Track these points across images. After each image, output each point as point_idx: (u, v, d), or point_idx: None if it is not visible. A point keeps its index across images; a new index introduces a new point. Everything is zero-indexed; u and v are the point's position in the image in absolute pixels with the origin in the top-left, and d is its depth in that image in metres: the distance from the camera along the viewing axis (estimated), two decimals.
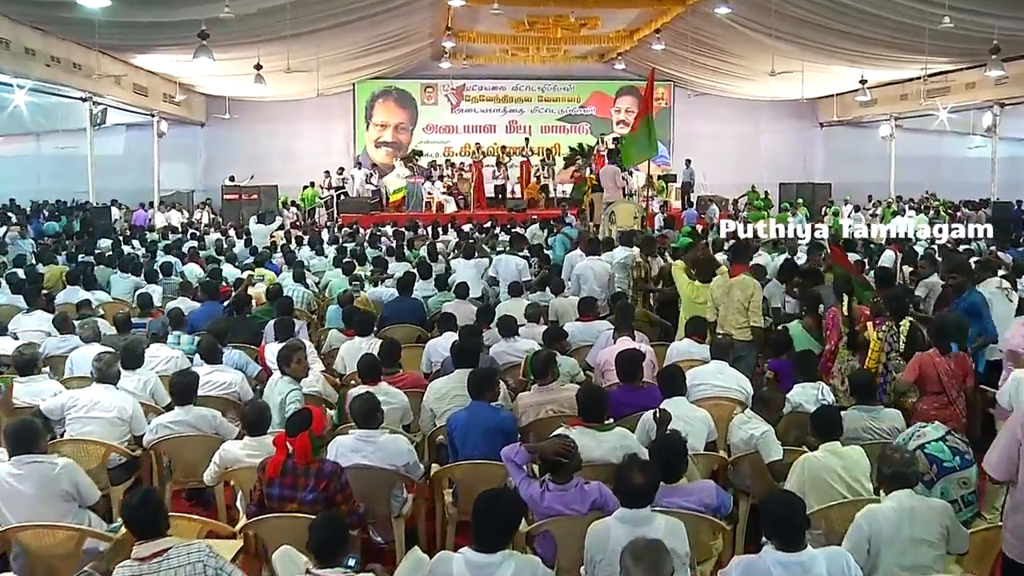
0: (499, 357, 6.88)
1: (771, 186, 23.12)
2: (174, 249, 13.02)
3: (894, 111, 21.51)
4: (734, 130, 24.96)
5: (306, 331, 7.68)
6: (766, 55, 17.92)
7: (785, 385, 5.87)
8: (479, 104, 25.17)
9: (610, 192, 11.83)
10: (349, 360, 6.74)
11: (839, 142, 25.12)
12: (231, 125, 22.94)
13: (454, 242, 14.23)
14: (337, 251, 12.90)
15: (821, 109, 24.92)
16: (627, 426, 4.84)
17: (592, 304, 7.68)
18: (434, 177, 21.40)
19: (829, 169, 25.03)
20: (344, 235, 16.02)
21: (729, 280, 6.70)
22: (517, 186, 22.25)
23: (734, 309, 6.57)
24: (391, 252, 12.93)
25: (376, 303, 9.70)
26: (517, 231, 16.17)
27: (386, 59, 21.57)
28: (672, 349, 6.64)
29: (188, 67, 17.37)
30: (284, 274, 10.74)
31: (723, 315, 6.69)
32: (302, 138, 23.91)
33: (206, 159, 24.21)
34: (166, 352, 6.50)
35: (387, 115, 24.81)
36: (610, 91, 25.46)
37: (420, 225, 17.14)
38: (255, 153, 23.31)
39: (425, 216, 18.75)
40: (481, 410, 4.89)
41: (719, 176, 23.58)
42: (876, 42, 16.02)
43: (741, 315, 6.54)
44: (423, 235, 15.95)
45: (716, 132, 24.57)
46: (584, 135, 24.64)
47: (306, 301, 9.63)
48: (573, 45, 22.50)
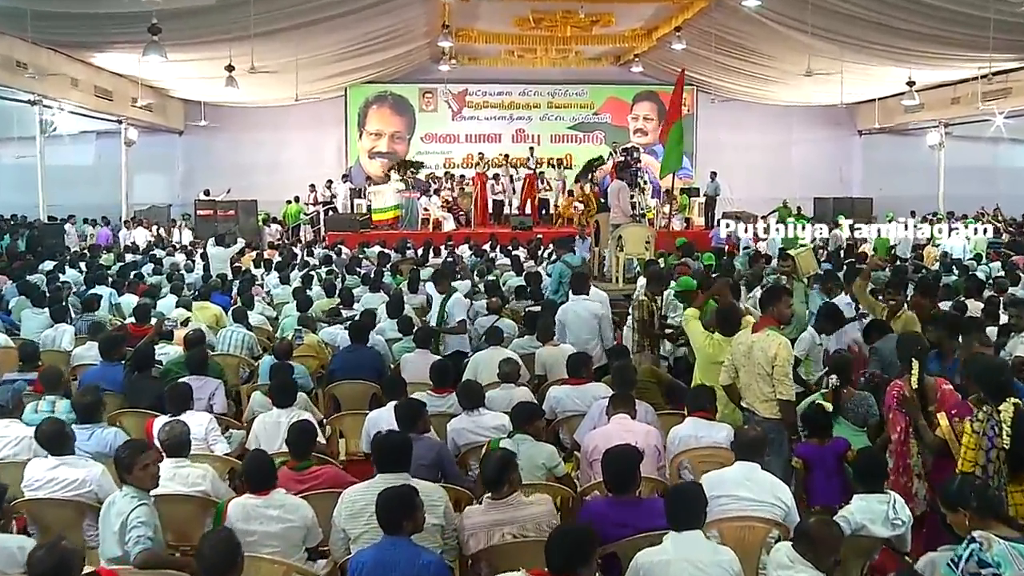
0: (458, 436, 5.49)
1: (805, 201, 21.76)
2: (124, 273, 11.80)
3: (943, 117, 19.99)
4: (763, 139, 23.89)
5: (223, 394, 6.27)
6: (800, 55, 16.65)
7: (818, 483, 4.73)
8: (483, 111, 24.09)
9: (617, 213, 10.40)
10: (264, 440, 5.37)
11: (880, 152, 23.81)
12: (212, 133, 22.04)
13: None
14: (302, 279, 11.51)
15: (860, 116, 23.71)
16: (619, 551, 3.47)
17: (583, 362, 6.24)
18: (431, 191, 20.20)
19: (868, 182, 23.77)
20: (320, 257, 14.69)
21: (750, 336, 5.21)
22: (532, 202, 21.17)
23: (756, 374, 5.09)
24: (367, 280, 11.58)
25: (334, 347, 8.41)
26: (518, 254, 14.90)
27: (378, 61, 20.42)
28: (673, 436, 5.18)
29: (155, 69, 16.27)
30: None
31: (744, 382, 5.21)
32: (290, 148, 23.07)
33: (185, 170, 23.18)
34: (16, 430, 5.12)
35: (382, 123, 23.79)
36: (627, 96, 24.28)
37: (410, 246, 15.87)
38: (239, 164, 22.33)
39: (420, 235, 17.68)
40: (396, 550, 3.47)
41: (746, 189, 22.44)
42: (928, 38, 14.59)
43: (765, 383, 5.06)
44: (411, 258, 14.69)
45: (743, 141, 23.50)
46: (598, 145, 23.51)
47: (247, 346, 8.24)
48: (585, 45, 21.36)
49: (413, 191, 19.76)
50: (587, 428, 5.52)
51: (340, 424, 6.29)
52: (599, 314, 7.49)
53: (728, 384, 5.30)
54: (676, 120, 9.60)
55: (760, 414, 5.06)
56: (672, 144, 9.93)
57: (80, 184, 20.43)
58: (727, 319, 5.67)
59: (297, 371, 6.96)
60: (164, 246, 16.93)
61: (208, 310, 9.56)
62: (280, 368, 6.29)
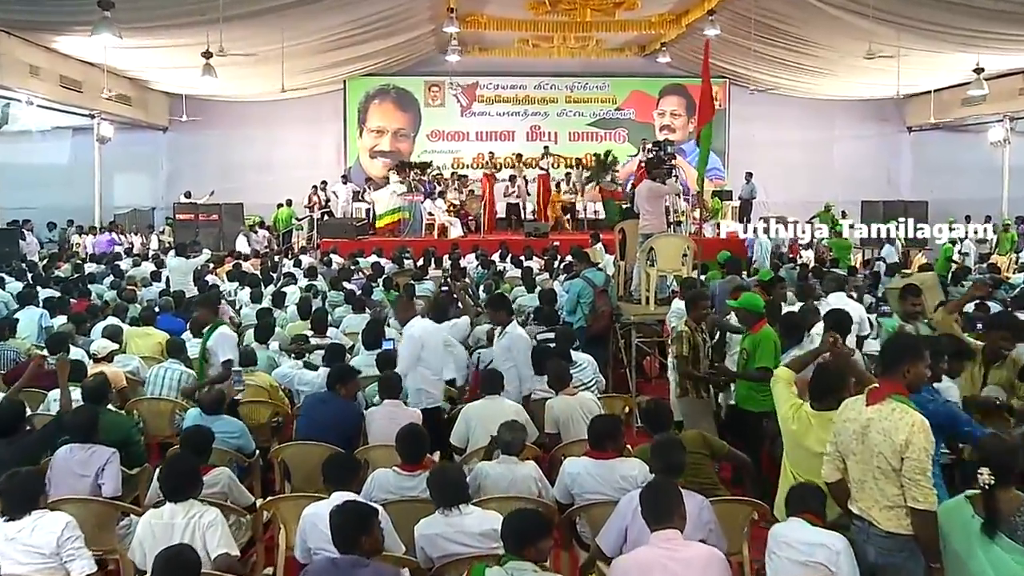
0: (430, 545, 3.89)
1: (850, 204, 20.24)
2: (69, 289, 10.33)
3: (1009, 110, 18.32)
4: (802, 136, 22.43)
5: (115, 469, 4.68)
6: (853, 41, 15.17)
7: None
8: (495, 106, 22.83)
9: (650, 220, 8.81)
10: (150, 551, 3.79)
11: (933, 150, 22.11)
12: (199, 131, 20.78)
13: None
14: (273, 297, 10.02)
15: (911, 110, 22.09)
16: None
17: (610, 431, 4.63)
18: (435, 194, 18.84)
19: (919, 183, 22.13)
20: (305, 268, 13.15)
21: (865, 410, 3.55)
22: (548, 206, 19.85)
23: (874, 468, 3.44)
24: (351, 299, 10.14)
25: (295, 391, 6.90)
26: (531, 266, 13.37)
27: (378, 50, 19.16)
28: (772, 540, 3.57)
29: (126, 56, 14.95)
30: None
31: (856, 478, 3.56)
32: (283, 147, 21.93)
33: (169, 170, 21.98)
34: None
35: (384, 119, 22.59)
36: (652, 90, 22.92)
37: (408, 254, 14.55)
38: (228, 164, 21.31)
39: (422, 243, 16.48)
40: None
41: (784, 191, 20.95)
42: (1003, 16, 12.89)
43: (889, 482, 3.41)
44: (409, 269, 13.28)
45: (780, 138, 22.04)
46: (621, 143, 22.36)
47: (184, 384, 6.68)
48: (607, 33, 19.90)
49: (416, 194, 18.47)
50: (615, 533, 3.93)
51: (279, 510, 4.68)
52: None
53: (835, 481, 3.66)
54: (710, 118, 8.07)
55: (880, 527, 3.43)
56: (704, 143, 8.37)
57: (54, 185, 19.14)
58: (825, 383, 4.02)
59: (229, 429, 5.45)
60: (136, 255, 15.49)
61: (150, 338, 8.06)
62: (189, 436, 4.67)
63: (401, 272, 13.07)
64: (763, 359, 5.76)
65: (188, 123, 20.17)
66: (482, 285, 11.63)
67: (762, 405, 5.53)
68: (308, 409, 5.70)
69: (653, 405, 5.06)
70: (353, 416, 5.65)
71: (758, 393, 5.67)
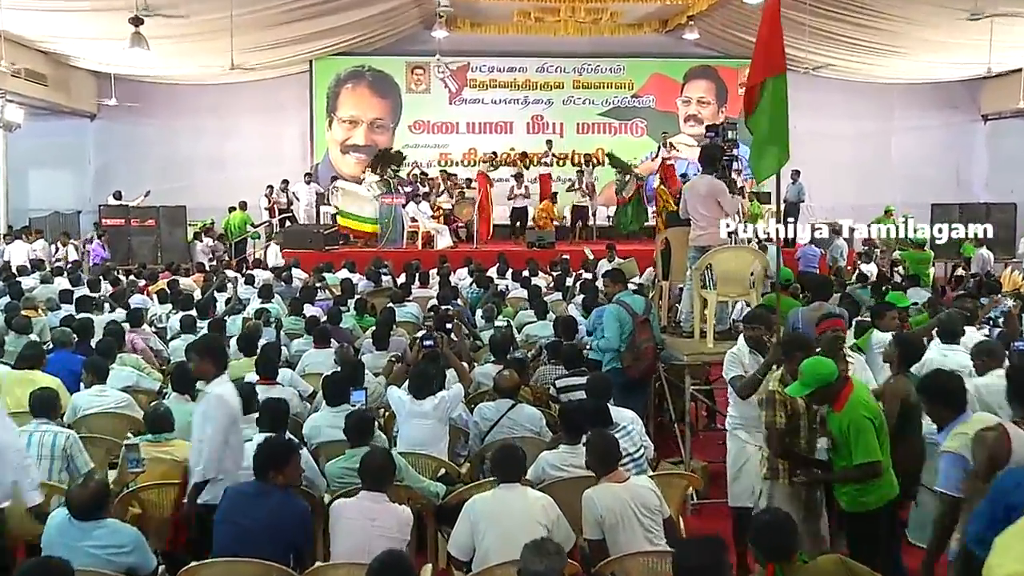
0: None
1: (915, 207, 19.21)
2: None
3: None
4: (854, 127, 21.92)
5: None
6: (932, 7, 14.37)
7: None
8: (489, 92, 22.37)
9: (705, 227, 7.61)
10: None
11: (1013, 143, 21.45)
12: (135, 119, 20.38)
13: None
14: (209, 326, 8.84)
15: (987, 94, 21.47)
16: None
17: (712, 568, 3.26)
18: (420, 196, 18.24)
19: (995, 182, 21.56)
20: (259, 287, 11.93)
21: None
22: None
23: None
24: (313, 327, 9.05)
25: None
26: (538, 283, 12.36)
27: (350, 23, 18.50)
28: None
29: (36, 21, 14.01)
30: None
31: None
32: (239, 139, 21.49)
33: (99, 166, 21.35)
34: None
35: (358, 107, 22.17)
36: (676, 73, 22.48)
37: (387, 269, 13.83)
38: (171, 159, 20.96)
39: (403, 254, 16.17)
40: None
41: (833, 193, 20.20)
42: None
43: None
44: (388, 288, 12.58)
45: (826, 130, 21.17)
46: (638, 136, 22.10)
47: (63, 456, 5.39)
48: (623, 3, 19.48)
49: (396, 195, 17.76)
50: None
51: None
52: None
53: None
54: (769, 76, 6.21)
55: None
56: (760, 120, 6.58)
57: None
58: None
59: (115, 541, 4.22)
60: (44, 268, 14.41)
61: (33, 386, 6.62)
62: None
63: (377, 292, 12.37)
64: (863, 451, 4.64)
65: (121, 110, 19.71)
66: (479, 309, 10.48)
67: (878, 499, 4.74)
68: (228, 509, 4.37)
69: (770, 520, 3.75)
70: (294, 517, 4.37)
71: (866, 492, 4.75)
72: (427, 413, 5.96)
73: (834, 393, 4.72)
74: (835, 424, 4.74)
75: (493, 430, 6.20)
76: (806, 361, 4.84)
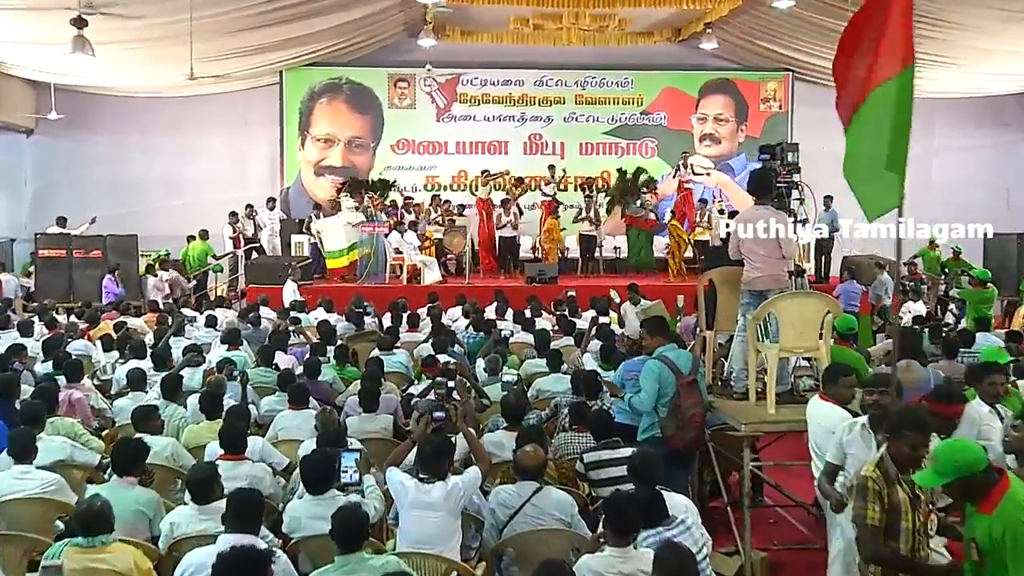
0: None
1: (967, 242, 18.72)
2: None
3: None
4: None
5: None
6: None
7: None
8: (482, 108, 22.37)
9: (759, 269, 7.05)
10: None
11: None
12: (80, 136, 20.62)
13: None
14: (163, 385, 8.06)
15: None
16: None
17: None
18: (405, 225, 18.06)
19: None
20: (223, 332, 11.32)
21: None
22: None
23: None
24: (287, 383, 8.39)
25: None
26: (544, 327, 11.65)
27: (327, 29, 18.28)
28: None
29: None
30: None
31: None
32: (200, 160, 21.70)
33: (37, 188, 21.32)
34: None
35: (334, 124, 22.13)
36: (690, 88, 22.49)
37: (369, 309, 13.38)
38: (121, 181, 20.93)
39: (386, 290, 16.15)
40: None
41: (862, 221, 19.22)
42: None
43: None
44: (372, 332, 12.06)
45: None
46: (648, 157, 21.88)
47: None
48: (632, 9, 19.09)
49: (377, 224, 17.55)
50: None
51: None
52: None
53: None
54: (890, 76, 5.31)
55: None
56: (865, 134, 5.77)
57: None
58: None
59: None
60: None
61: None
62: None
63: (360, 336, 11.90)
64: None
65: (63, 125, 19.60)
66: (481, 359, 9.70)
67: None
68: None
69: None
70: None
71: None
72: (436, 503, 5.29)
73: (981, 488, 3.98)
74: (982, 529, 3.99)
75: (514, 519, 5.51)
76: (942, 444, 4.22)
